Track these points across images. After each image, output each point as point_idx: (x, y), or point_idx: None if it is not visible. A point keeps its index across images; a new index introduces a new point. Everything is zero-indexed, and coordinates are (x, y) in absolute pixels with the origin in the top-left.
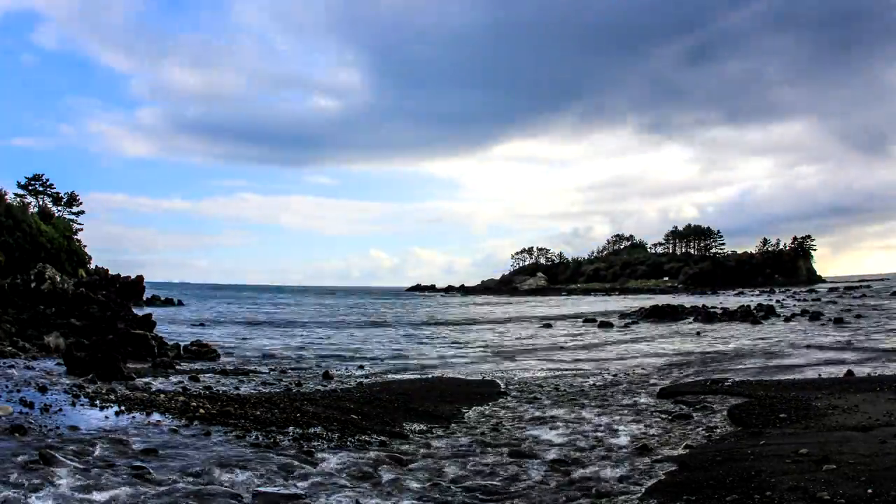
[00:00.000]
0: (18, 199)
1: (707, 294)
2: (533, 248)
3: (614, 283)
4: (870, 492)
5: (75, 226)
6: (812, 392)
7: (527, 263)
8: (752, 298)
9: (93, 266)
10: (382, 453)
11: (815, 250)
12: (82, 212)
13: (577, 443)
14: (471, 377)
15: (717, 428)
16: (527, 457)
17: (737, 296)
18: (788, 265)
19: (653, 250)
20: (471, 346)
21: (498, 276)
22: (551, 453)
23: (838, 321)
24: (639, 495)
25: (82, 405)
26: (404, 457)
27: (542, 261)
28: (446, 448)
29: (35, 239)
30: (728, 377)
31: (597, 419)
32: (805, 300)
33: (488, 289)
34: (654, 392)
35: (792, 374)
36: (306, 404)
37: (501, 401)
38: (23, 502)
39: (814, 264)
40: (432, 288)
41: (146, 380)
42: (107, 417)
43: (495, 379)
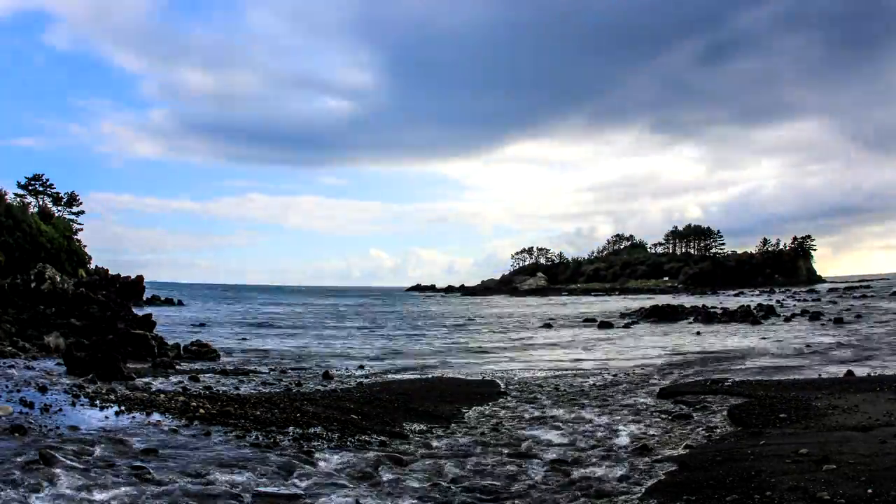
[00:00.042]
0: (18, 199)
1: (707, 294)
2: (533, 248)
3: (614, 283)
4: (870, 492)
5: (75, 226)
6: (812, 392)
7: (527, 263)
8: (752, 298)
9: (93, 266)
10: (382, 453)
11: (814, 250)
12: (82, 212)
13: (577, 443)
14: (471, 377)
15: (717, 428)
16: (527, 457)
17: (737, 296)
18: (788, 265)
19: (653, 250)
20: (470, 346)
21: (499, 277)
22: (551, 453)
23: (838, 321)
24: (639, 495)
25: (82, 405)
26: (404, 457)
27: (542, 261)
28: (446, 448)
29: (35, 239)
30: (728, 377)
31: (597, 419)
32: (805, 300)
33: (488, 289)
34: (654, 392)
35: (792, 374)
36: (306, 404)
37: (501, 401)
38: (23, 502)
39: (814, 264)
40: (432, 288)
41: (146, 380)
42: (107, 417)
43: (495, 379)
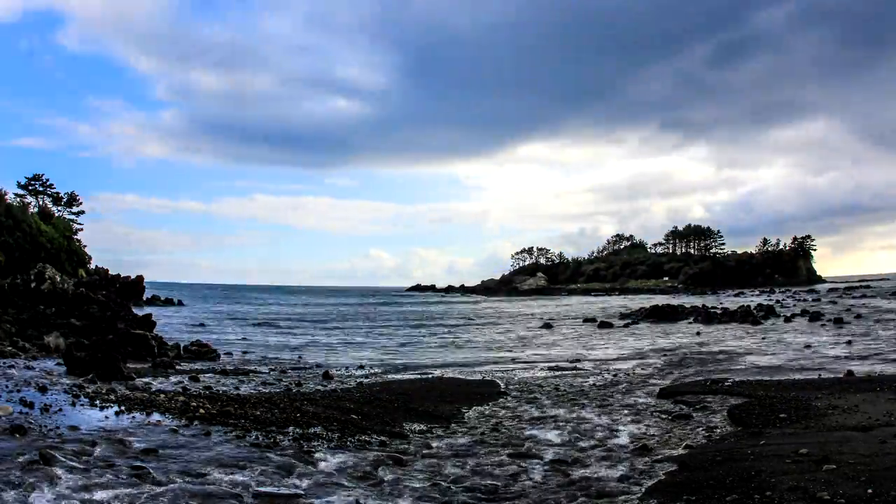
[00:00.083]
0: (18, 199)
1: (707, 294)
2: (533, 248)
3: (614, 283)
4: (870, 492)
5: (75, 226)
6: (812, 392)
7: (527, 263)
8: (752, 298)
9: (93, 266)
10: (382, 453)
11: (814, 250)
12: (82, 212)
13: (577, 443)
14: (471, 377)
15: (717, 428)
16: (527, 457)
17: (737, 296)
18: (788, 265)
19: (653, 250)
20: (470, 346)
21: (499, 277)
22: (551, 453)
23: (838, 321)
24: (639, 495)
25: (82, 405)
26: (404, 457)
27: (542, 261)
28: (446, 448)
29: (35, 239)
30: (728, 377)
31: (597, 419)
32: (805, 300)
33: (488, 289)
34: (654, 392)
35: (792, 374)
36: (306, 404)
37: (501, 401)
38: (23, 502)
39: (814, 264)
40: (432, 288)
41: (146, 380)
42: (107, 417)
43: (495, 379)
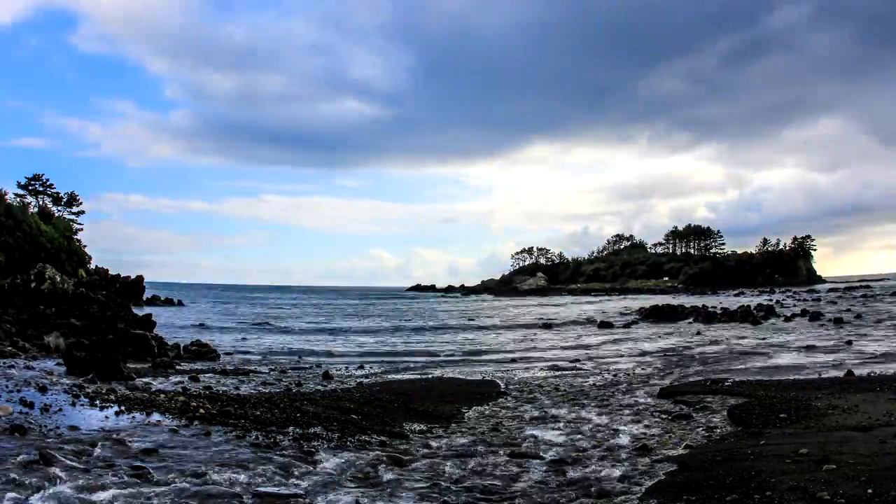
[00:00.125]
0: (18, 199)
1: (707, 294)
2: (533, 248)
3: (614, 283)
4: (870, 492)
5: (75, 226)
6: (812, 392)
7: (527, 263)
8: (752, 298)
9: (93, 266)
10: (382, 453)
11: (814, 250)
12: (82, 212)
13: (577, 443)
14: (471, 377)
15: (717, 428)
16: (527, 457)
17: (737, 296)
18: (788, 265)
19: (653, 250)
20: (470, 346)
21: (499, 277)
22: (551, 453)
23: (838, 321)
24: (639, 495)
25: (82, 405)
26: (404, 457)
27: (542, 261)
28: (446, 448)
29: (35, 239)
30: (728, 377)
31: (597, 419)
32: (805, 300)
33: (488, 289)
34: (654, 392)
35: (792, 374)
36: (306, 404)
37: (501, 401)
38: (23, 502)
39: (814, 264)
40: (432, 288)
41: (146, 380)
42: (107, 417)
43: (495, 379)
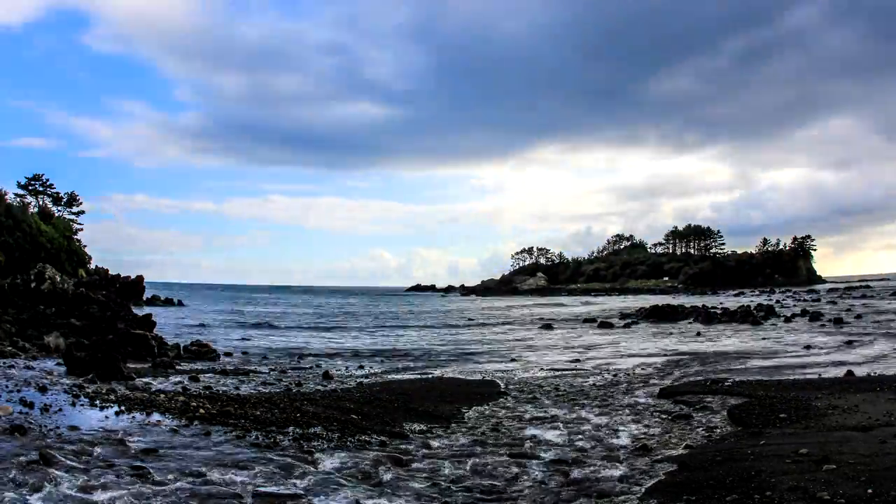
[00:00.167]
0: (18, 199)
1: (707, 294)
2: (533, 248)
3: (614, 283)
4: (870, 492)
5: (75, 226)
6: (812, 392)
7: (527, 263)
8: (752, 299)
9: (93, 266)
10: (382, 453)
11: (814, 250)
12: (82, 212)
13: (577, 443)
14: (471, 377)
15: (717, 428)
16: (527, 457)
17: (737, 296)
18: (788, 265)
19: (653, 250)
20: (470, 346)
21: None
22: (551, 453)
23: (838, 321)
24: (639, 495)
25: (82, 405)
26: (404, 457)
27: (542, 261)
28: (446, 448)
29: (35, 239)
30: (728, 377)
31: (597, 419)
32: (805, 300)
33: (488, 289)
34: (654, 392)
35: (792, 374)
36: (306, 404)
37: (501, 401)
38: (23, 502)
39: (814, 264)
40: (432, 288)
41: (146, 380)
42: (107, 417)
43: (495, 379)
